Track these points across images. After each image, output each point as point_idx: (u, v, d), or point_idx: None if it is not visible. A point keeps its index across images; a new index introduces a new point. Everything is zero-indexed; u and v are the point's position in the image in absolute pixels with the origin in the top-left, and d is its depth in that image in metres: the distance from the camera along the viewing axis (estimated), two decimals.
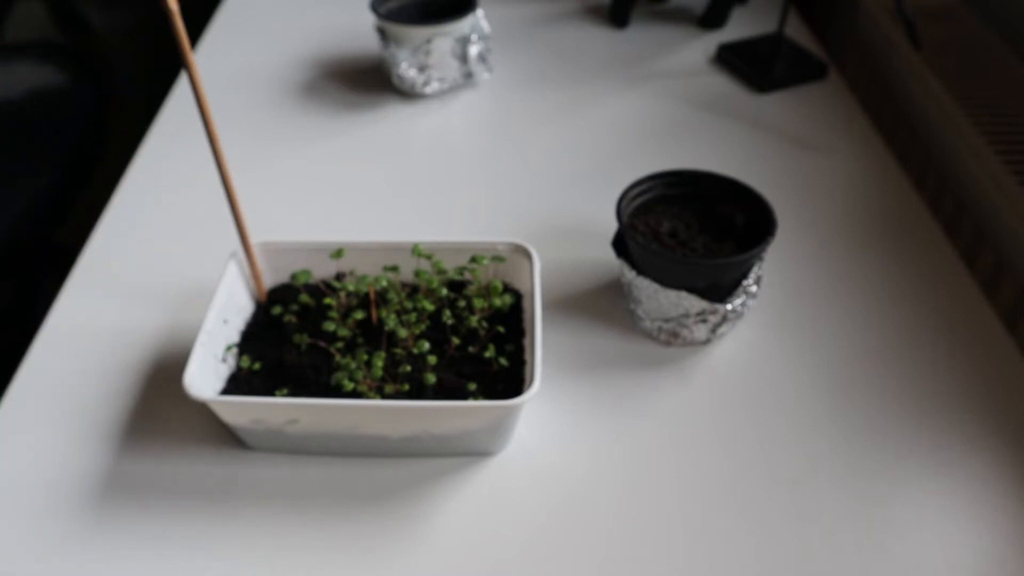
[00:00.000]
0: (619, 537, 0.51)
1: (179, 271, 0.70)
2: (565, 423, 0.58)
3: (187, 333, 0.63)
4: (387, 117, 0.89)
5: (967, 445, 0.56)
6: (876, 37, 0.98)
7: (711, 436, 0.57)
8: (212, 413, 0.55)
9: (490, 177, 0.81)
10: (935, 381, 0.60)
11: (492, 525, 0.52)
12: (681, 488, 0.54)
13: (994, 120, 0.80)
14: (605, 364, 0.62)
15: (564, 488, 0.54)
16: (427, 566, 0.50)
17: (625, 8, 1.03)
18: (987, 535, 0.51)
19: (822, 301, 0.67)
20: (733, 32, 1.02)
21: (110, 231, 0.75)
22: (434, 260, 0.60)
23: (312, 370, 0.56)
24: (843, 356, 0.62)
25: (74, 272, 0.71)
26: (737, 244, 0.62)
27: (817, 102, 0.89)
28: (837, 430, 0.57)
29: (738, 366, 0.62)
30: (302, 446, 0.55)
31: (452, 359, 0.57)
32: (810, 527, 0.52)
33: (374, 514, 0.53)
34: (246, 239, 0.58)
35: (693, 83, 0.93)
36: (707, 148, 0.83)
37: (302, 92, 0.93)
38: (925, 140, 0.87)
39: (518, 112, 0.90)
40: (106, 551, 0.51)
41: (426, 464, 0.55)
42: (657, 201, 0.66)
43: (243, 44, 1.02)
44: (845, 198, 0.77)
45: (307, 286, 0.62)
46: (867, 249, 0.71)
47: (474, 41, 0.88)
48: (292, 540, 0.51)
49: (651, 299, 0.61)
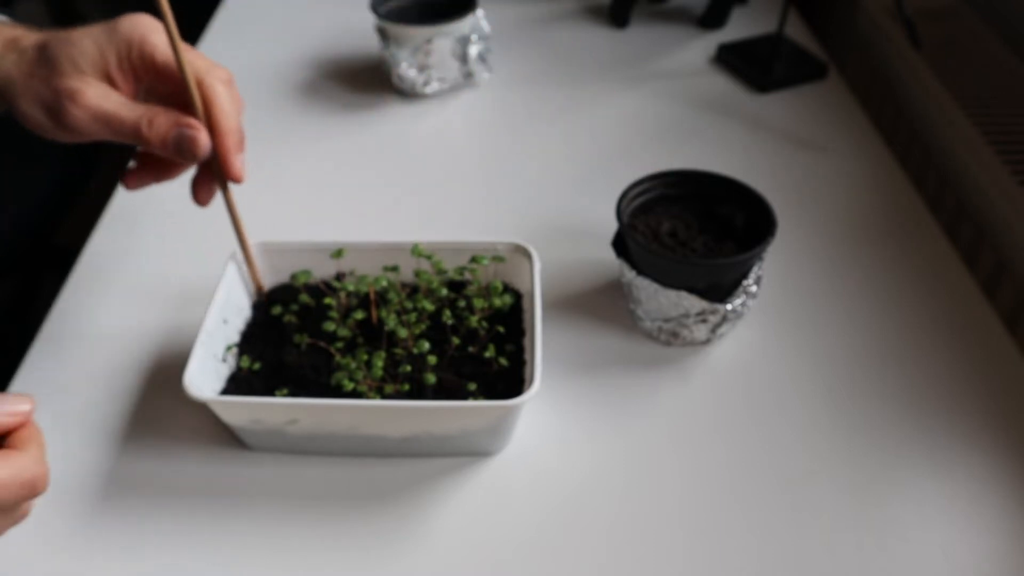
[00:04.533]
0: (619, 537, 0.51)
1: (179, 271, 0.70)
2: (565, 423, 0.58)
3: (187, 333, 0.63)
4: (387, 117, 0.89)
5: (967, 445, 0.56)
6: (876, 37, 0.98)
7: (711, 436, 0.57)
8: (212, 413, 0.55)
9: (490, 177, 0.81)
10: (935, 381, 0.60)
11: (492, 525, 0.52)
12: (681, 488, 0.54)
13: (994, 120, 0.80)
14: (605, 364, 0.62)
15: (564, 488, 0.54)
16: (427, 566, 0.50)
17: (625, 8, 1.03)
18: (987, 535, 0.51)
19: (822, 301, 0.67)
20: (733, 32, 1.02)
21: (110, 231, 0.75)
22: (434, 260, 0.60)
23: (312, 370, 0.56)
24: (843, 356, 0.62)
25: (74, 272, 0.71)
26: (737, 244, 0.62)
27: (817, 102, 0.89)
28: (837, 430, 0.57)
29: (738, 366, 0.62)
30: (302, 446, 0.55)
31: (452, 359, 0.57)
32: (810, 527, 0.52)
33: (374, 514, 0.53)
34: (241, 232, 0.58)
35: (693, 83, 0.93)
36: (707, 148, 0.83)
37: (302, 92, 0.93)
38: (925, 140, 0.87)
39: (518, 112, 0.90)
40: (106, 551, 0.51)
41: (426, 464, 0.55)
42: (657, 201, 0.66)
43: (243, 44, 1.02)
44: (845, 198, 0.77)
45: (307, 286, 0.62)
46: (867, 249, 0.71)
47: (474, 41, 0.88)
48: (292, 540, 0.51)
49: (651, 299, 0.61)
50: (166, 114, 0.51)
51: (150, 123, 0.51)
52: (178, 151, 0.51)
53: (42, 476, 0.43)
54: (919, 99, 0.88)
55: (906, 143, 0.91)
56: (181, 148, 0.51)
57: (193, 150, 0.51)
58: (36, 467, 0.43)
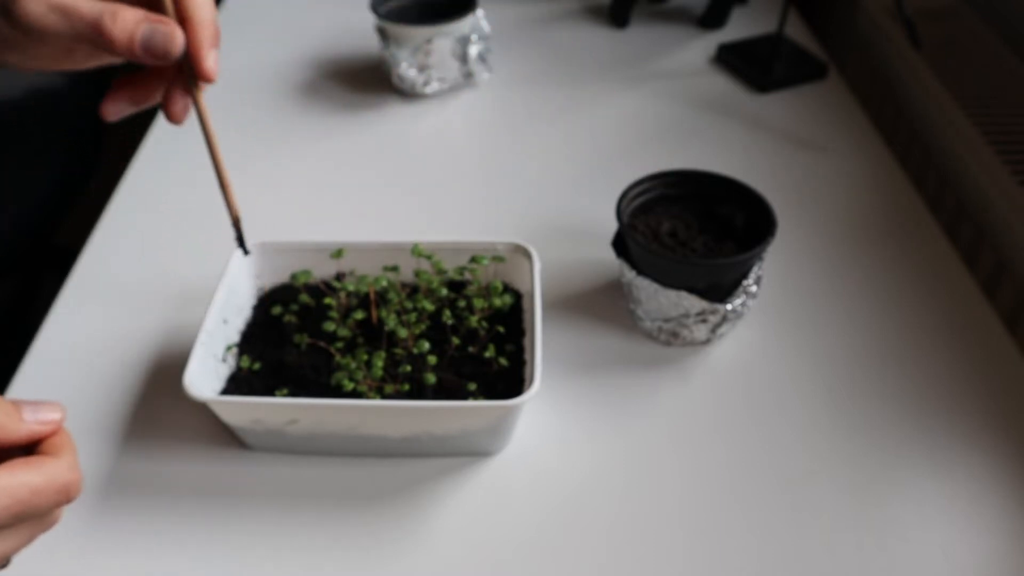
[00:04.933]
0: (619, 537, 0.51)
1: (179, 271, 0.70)
2: (565, 423, 0.58)
3: (187, 333, 0.63)
4: (387, 117, 0.89)
5: (967, 445, 0.56)
6: (876, 37, 0.98)
7: (711, 436, 0.57)
8: (212, 413, 0.55)
9: (490, 177, 0.81)
10: (935, 381, 0.60)
11: (492, 525, 0.52)
12: (681, 488, 0.54)
13: (994, 120, 0.80)
14: (605, 364, 0.62)
15: (564, 488, 0.54)
16: (427, 566, 0.50)
17: (625, 8, 1.03)
18: (987, 535, 0.51)
19: (822, 301, 0.67)
20: (733, 32, 1.02)
21: (110, 231, 0.75)
22: (434, 260, 0.60)
23: (312, 370, 0.56)
24: (843, 356, 0.62)
25: (74, 272, 0.71)
26: (737, 244, 0.62)
27: (817, 102, 0.89)
28: (837, 430, 0.57)
29: (738, 366, 0.62)
30: (302, 446, 0.55)
31: (452, 359, 0.57)
32: (810, 527, 0.52)
33: (374, 514, 0.53)
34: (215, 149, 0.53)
35: (693, 83, 0.93)
36: (707, 148, 0.83)
37: (302, 92, 0.93)
38: (925, 140, 0.87)
39: (518, 112, 0.90)
40: (106, 550, 0.51)
41: (426, 464, 0.55)
42: (657, 201, 0.66)
43: (243, 44, 1.02)
44: (845, 198, 0.77)
45: (307, 286, 0.62)
46: (867, 249, 0.71)
47: (474, 41, 0.88)
48: (292, 540, 0.51)
49: (651, 299, 0.61)
50: (132, 9, 0.45)
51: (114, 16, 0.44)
52: (147, 50, 0.45)
53: (76, 482, 0.43)
54: (919, 99, 0.88)
55: (906, 143, 0.91)
56: (152, 46, 0.45)
57: (167, 46, 0.45)
58: (70, 473, 0.43)
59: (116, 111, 0.51)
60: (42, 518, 0.43)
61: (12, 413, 0.43)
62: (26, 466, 0.41)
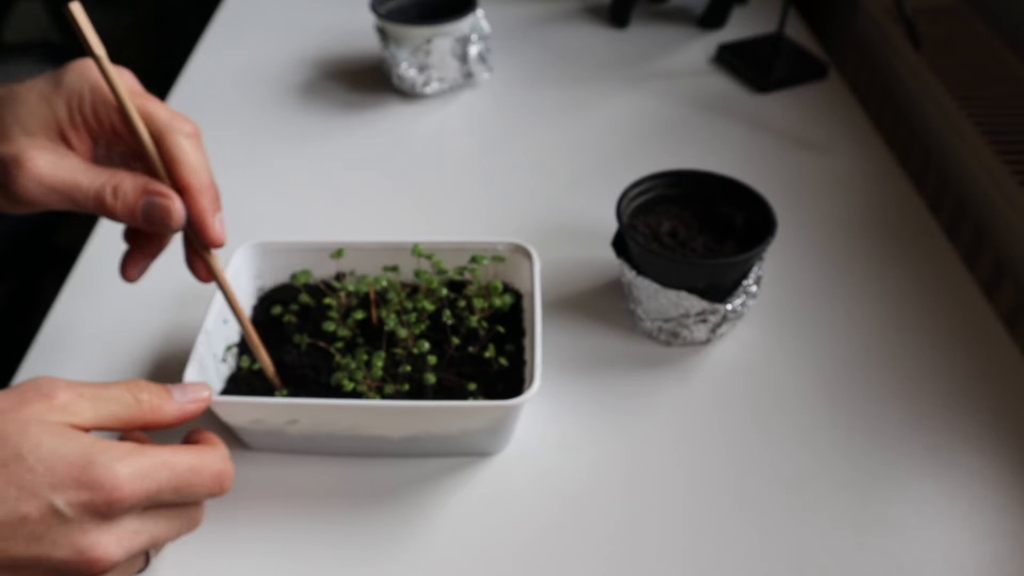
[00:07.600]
0: (619, 537, 0.51)
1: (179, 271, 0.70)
2: (565, 423, 0.58)
3: (187, 333, 0.63)
4: (387, 117, 0.89)
5: (967, 445, 0.56)
6: (876, 37, 0.98)
7: (711, 436, 0.57)
8: (212, 413, 0.55)
9: (490, 177, 0.81)
10: (935, 381, 0.60)
11: (492, 525, 0.52)
12: (681, 488, 0.54)
13: (994, 120, 0.80)
14: (605, 364, 0.62)
15: (564, 488, 0.54)
16: (427, 566, 0.50)
17: (625, 8, 1.03)
18: (987, 535, 0.51)
19: (822, 301, 0.67)
20: (733, 32, 1.02)
21: (110, 231, 0.75)
22: (434, 260, 0.60)
23: (312, 370, 0.56)
24: (843, 356, 0.62)
25: (74, 272, 0.71)
26: (737, 244, 0.62)
27: (817, 102, 0.89)
28: (837, 430, 0.57)
29: (738, 366, 0.62)
30: (302, 446, 0.55)
31: (452, 359, 0.57)
32: (810, 527, 0.52)
33: (374, 514, 0.53)
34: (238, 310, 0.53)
35: (693, 83, 0.93)
36: (707, 148, 0.83)
37: (302, 92, 0.93)
38: (925, 140, 0.87)
39: (518, 112, 0.90)
40: None
41: (426, 464, 0.55)
42: (657, 201, 0.66)
43: (243, 44, 1.02)
44: (845, 198, 0.77)
45: (307, 286, 0.62)
46: (867, 249, 0.71)
47: (474, 41, 0.88)
48: (292, 540, 0.51)
49: (651, 299, 0.61)
50: (132, 179, 0.45)
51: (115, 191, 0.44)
52: (149, 222, 0.45)
53: (229, 473, 0.43)
54: (919, 99, 0.88)
55: (906, 143, 0.91)
56: (152, 219, 0.45)
57: (166, 220, 0.45)
58: (225, 463, 0.43)
59: (137, 272, 0.52)
60: (192, 511, 0.43)
61: (163, 394, 0.44)
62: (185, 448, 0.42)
